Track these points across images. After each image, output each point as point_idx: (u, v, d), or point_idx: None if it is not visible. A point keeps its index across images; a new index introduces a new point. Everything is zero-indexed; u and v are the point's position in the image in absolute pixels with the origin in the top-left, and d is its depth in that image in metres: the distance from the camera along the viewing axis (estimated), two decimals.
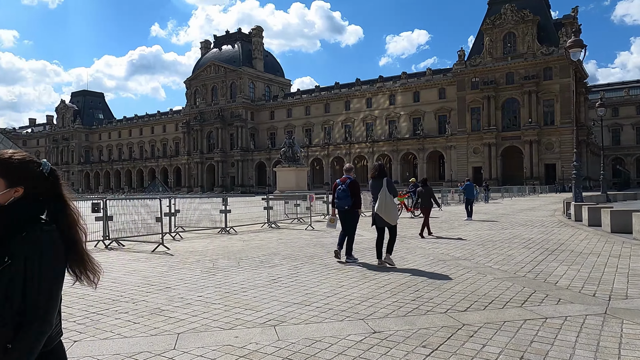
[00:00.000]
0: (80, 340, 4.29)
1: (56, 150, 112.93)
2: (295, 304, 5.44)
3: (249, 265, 8.10)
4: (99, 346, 4.11)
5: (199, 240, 12.41)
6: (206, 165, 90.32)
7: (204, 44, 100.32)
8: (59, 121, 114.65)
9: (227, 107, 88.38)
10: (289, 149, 46.83)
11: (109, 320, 4.91)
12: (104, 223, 11.44)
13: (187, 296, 5.89)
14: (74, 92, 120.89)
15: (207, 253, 9.75)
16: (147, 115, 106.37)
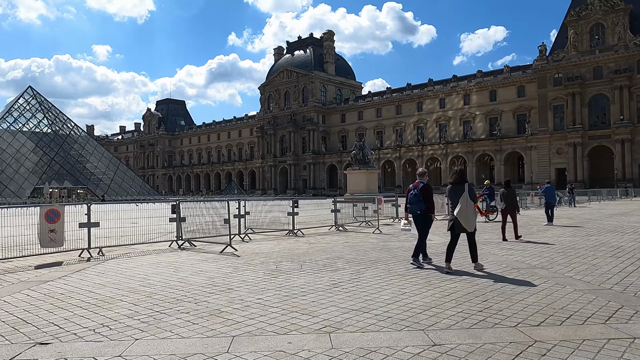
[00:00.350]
0: (141, 338, 4.41)
1: (143, 155, 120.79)
2: (353, 311, 5.27)
3: (311, 269, 8.04)
4: (156, 345, 4.20)
5: (266, 242, 12.59)
6: (279, 168, 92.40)
7: (277, 51, 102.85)
8: (145, 128, 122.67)
9: (299, 111, 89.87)
10: (359, 152, 46.64)
11: (171, 319, 5.03)
12: (177, 224, 11.94)
13: (247, 298, 5.92)
14: (158, 101, 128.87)
15: (272, 255, 9.83)
16: (224, 120, 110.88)
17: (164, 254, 10.27)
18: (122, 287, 6.73)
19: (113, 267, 8.58)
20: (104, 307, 5.59)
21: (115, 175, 67.08)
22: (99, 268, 8.55)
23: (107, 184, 65.23)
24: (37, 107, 66.18)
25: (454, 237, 7.87)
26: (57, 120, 67.67)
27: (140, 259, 9.60)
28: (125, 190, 65.07)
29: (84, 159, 66.63)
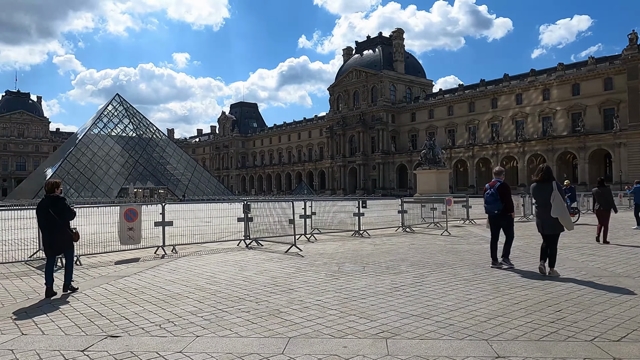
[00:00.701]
0: (202, 336, 4.56)
1: (218, 156, 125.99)
2: (413, 316, 5.11)
3: (373, 271, 7.92)
4: (215, 343, 4.31)
5: (331, 242, 12.61)
6: (348, 168, 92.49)
7: (346, 51, 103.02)
8: (220, 130, 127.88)
9: (368, 111, 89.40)
10: (429, 151, 45.56)
11: (231, 318, 5.15)
12: (245, 224, 12.29)
13: (306, 299, 5.94)
14: (232, 104, 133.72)
15: (336, 256, 9.82)
16: (295, 122, 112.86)
17: (232, 253, 10.60)
18: (190, 284, 7.02)
19: (184, 265, 8.98)
20: (171, 303, 5.85)
21: (193, 176, 70.45)
22: (171, 265, 8.99)
23: (185, 184, 68.65)
24: (123, 113, 71.06)
25: (545, 239, 7.60)
26: (141, 125, 72.22)
27: (209, 257, 9.97)
28: (202, 190, 68.12)
29: (164, 160, 70.63)
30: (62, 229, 6.66)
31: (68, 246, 6.78)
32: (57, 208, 6.61)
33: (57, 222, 6.59)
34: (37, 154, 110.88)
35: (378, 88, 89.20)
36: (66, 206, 6.76)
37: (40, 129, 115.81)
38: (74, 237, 6.84)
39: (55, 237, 6.64)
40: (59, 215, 6.59)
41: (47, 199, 6.71)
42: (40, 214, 6.71)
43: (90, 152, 63.74)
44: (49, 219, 6.60)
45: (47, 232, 6.68)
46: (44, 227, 6.71)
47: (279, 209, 13.57)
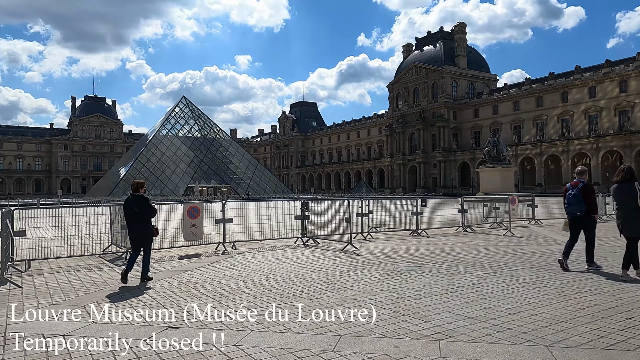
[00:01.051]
0: (256, 330, 4.68)
1: (278, 155, 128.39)
2: (469, 318, 4.97)
3: (429, 271, 7.77)
4: (268, 338, 4.42)
5: (388, 241, 12.49)
6: (408, 166, 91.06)
7: (406, 48, 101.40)
8: (280, 130, 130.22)
9: (429, 107, 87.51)
10: (493, 148, 43.88)
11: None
12: (302, 222, 12.45)
13: (360, 298, 5.94)
14: (292, 104, 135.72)
15: (392, 255, 9.72)
16: (353, 120, 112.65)
17: (289, 250, 10.78)
18: (247, 280, 7.22)
19: (242, 261, 9.25)
20: (228, 298, 6.05)
21: (254, 174, 72.26)
22: (230, 261, 9.29)
23: (247, 182, 70.55)
24: (189, 115, 74.15)
25: (629, 242, 7.15)
26: (206, 126, 75.02)
27: (267, 254, 10.20)
28: (263, 188, 69.73)
29: (227, 160, 72.95)
30: (145, 225, 7.24)
31: (148, 241, 7.32)
32: (141, 206, 7.20)
33: (140, 219, 7.18)
34: (112, 154, 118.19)
35: (439, 84, 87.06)
36: (149, 204, 7.34)
37: (115, 130, 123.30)
38: (154, 232, 7.40)
39: (137, 232, 7.23)
40: (142, 213, 7.17)
41: (132, 198, 7.35)
42: (126, 211, 7.32)
43: (159, 152, 67.01)
44: (133, 216, 7.20)
45: (131, 227, 7.28)
46: (128, 222, 7.32)
47: (336, 207, 13.64)
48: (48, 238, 11.90)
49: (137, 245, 7.35)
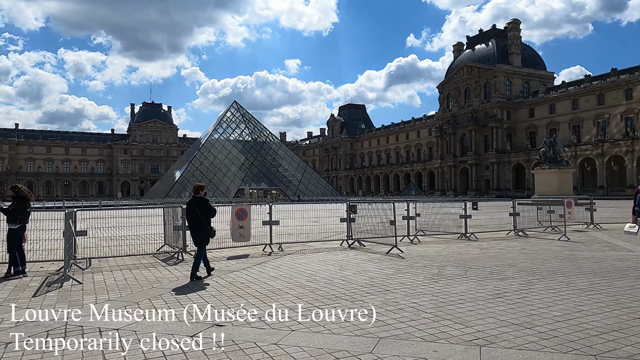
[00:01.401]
0: (297, 330, 4.79)
1: (327, 158, 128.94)
2: (513, 325, 4.84)
3: (476, 275, 7.61)
4: (308, 338, 4.51)
5: (435, 245, 12.31)
6: (459, 168, 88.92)
7: (457, 47, 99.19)
8: (329, 133, 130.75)
9: (481, 108, 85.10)
10: (549, 149, 42.15)
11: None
12: (347, 224, 12.50)
13: (401, 301, 5.92)
14: (340, 107, 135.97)
15: (438, 259, 9.58)
16: (402, 122, 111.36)
17: (334, 252, 10.85)
18: (291, 281, 7.36)
19: (287, 262, 9.42)
20: (272, 298, 6.20)
21: (303, 177, 73.04)
22: (276, 262, 9.48)
23: (296, 185, 71.41)
24: (240, 119, 76.03)
25: None
26: (256, 129, 76.65)
27: (312, 256, 10.32)
28: (312, 191, 70.32)
29: (277, 163, 74.18)
30: (205, 225, 7.74)
31: (206, 241, 7.80)
32: (201, 207, 7.73)
33: (200, 219, 7.70)
34: (167, 158, 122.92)
35: (491, 83, 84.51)
36: (209, 206, 7.88)
37: (170, 135, 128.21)
38: (212, 233, 7.90)
39: (197, 231, 7.73)
40: (203, 214, 7.69)
41: (194, 199, 7.90)
42: (188, 212, 7.85)
43: (212, 155, 69.06)
44: (194, 216, 7.72)
45: (193, 227, 7.77)
46: (190, 222, 7.82)
47: (382, 210, 13.57)
48: (107, 237, 12.61)
49: (202, 244, 7.83)
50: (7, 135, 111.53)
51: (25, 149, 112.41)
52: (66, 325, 5.02)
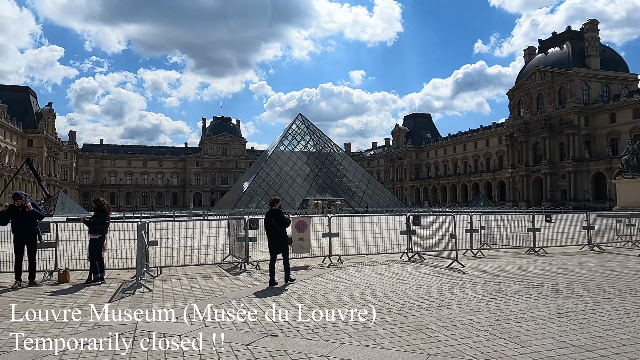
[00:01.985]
0: (347, 343, 4.87)
1: (392, 168, 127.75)
2: (573, 346, 4.63)
3: (539, 293, 7.29)
4: (357, 351, 4.58)
5: (500, 259, 11.89)
6: (532, 178, 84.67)
7: (528, 52, 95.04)
8: (394, 143, 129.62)
9: (555, 114, 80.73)
10: (632, 157, 39.18)
11: (378, 329, 5.37)
12: (407, 237, 12.38)
13: (456, 317, 5.82)
14: (405, 116, 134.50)
15: (500, 274, 9.26)
16: (470, 130, 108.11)
17: (393, 265, 10.80)
18: (347, 294, 7.45)
19: (345, 275, 9.51)
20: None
21: (367, 188, 72.80)
22: (334, 274, 9.60)
23: (361, 196, 71.30)
24: (305, 131, 77.41)
25: None
26: (321, 141, 77.63)
27: (371, 269, 10.34)
28: (376, 201, 69.88)
29: (341, 173, 74.55)
30: (281, 234, 8.51)
31: (284, 248, 8.60)
32: (277, 218, 8.52)
33: (276, 229, 8.47)
34: (236, 169, 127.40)
35: (567, 88, 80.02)
36: (283, 217, 8.67)
37: (239, 148, 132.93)
38: (289, 241, 8.78)
39: (274, 240, 8.51)
40: (278, 224, 8.50)
41: (270, 211, 8.67)
42: (266, 223, 8.63)
43: (278, 167, 70.73)
44: (271, 227, 8.52)
45: (270, 236, 8.54)
46: (267, 232, 8.57)
47: (442, 223, 13.33)
48: (178, 247, 13.34)
49: (274, 252, 8.54)
50: (93, 150, 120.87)
51: (108, 162, 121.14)
52: (135, 330, 5.43)
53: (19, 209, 8.56)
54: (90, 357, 4.51)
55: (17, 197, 8.69)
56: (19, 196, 8.71)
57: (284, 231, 8.60)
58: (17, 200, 8.64)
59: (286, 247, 8.65)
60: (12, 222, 8.56)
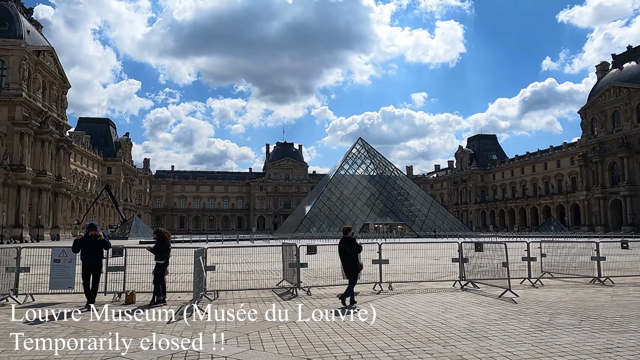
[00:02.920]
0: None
1: (456, 191, 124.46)
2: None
3: (590, 326, 7.03)
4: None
5: (559, 289, 11.43)
6: (610, 200, 79.22)
7: (600, 67, 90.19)
8: (457, 165, 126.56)
9: (633, 132, 75.56)
10: None
11: (413, 357, 5.49)
12: (460, 264, 12.22)
13: (495, 349, 5.81)
14: (469, 138, 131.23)
15: (555, 305, 8.95)
16: (539, 151, 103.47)
17: (443, 294, 10.71)
18: (390, 321, 7.57)
19: (392, 302, 9.59)
20: (366, 337, 6.51)
21: (429, 211, 71.47)
22: (382, 301, 9.71)
23: (422, 220, 70.06)
24: (365, 155, 77.73)
25: None
26: (381, 165, 77.54)
27: (420, 296, 10.34)
28: (438, 225, 68.32)
29: (402, 197, 73.79)
30: (353, 260, 9.39)
31: (355, 272, 9.46)
32: (350, 245, 9.42)
33: (350, 255, 9.37)
34: (298, 193, 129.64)
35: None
36: (356, 244, 9.52)
37: (301, 172, 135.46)
38: (359, 267, 9.54)
39: (348, 265, 9.39)
40: (351, 250, 9.38)
41: (344, 239, 9.59)
42: (340, 249, 9.57)
43: (338, 191, 71.29)
44: (345, 253, 9.41)
45: (343, 262, 9.48)
46: (341, 257, 9.55)
47: (500, 249, 13.02)
48: (235, 271, 13.98)
49: (349, 275, 9.43)
50: (165, 176, 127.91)
51: (178, 187, 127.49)
52: (187, 353, 5.91)
53: (91, 238, 9.47)
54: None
55: (93, 228, 9.60)
56: (94, 227, 9.65)
57: (357, 257, 9.39)
58: (91, 230, 9.54)
59: (357, 272, 9.43)
60: (82, 249, 9.46)
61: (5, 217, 52.34)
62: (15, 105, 56.07)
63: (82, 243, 9.48)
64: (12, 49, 57.03)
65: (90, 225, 9.77)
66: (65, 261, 9.91)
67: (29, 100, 57.54)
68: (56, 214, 63.96)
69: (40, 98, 61.68)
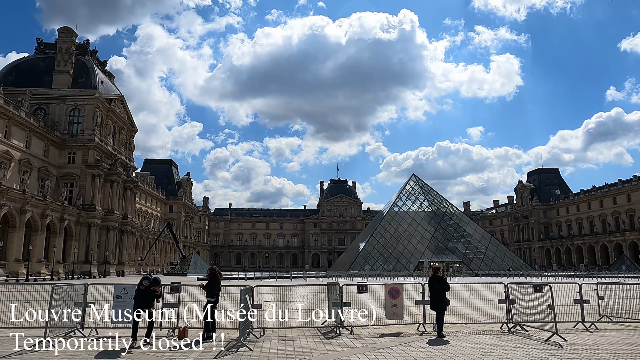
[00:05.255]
0: None
1: (517, 227, 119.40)
2: None
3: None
4: None
5: (615, 334, 10.93)
6: None
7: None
8: (517, 200, 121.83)
9: None
10: None
11: None
12: (506, 306, 11.98)
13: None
14: (529, 172, 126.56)
15: (604, 351, 8.65)
16: (607, 185, 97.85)
17: (488, 336, 10.56)
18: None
19: (434, 343, 9.61)
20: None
21: (488, 249, 68.92)
22: (423, 343, 9.76)
23: (480, 258, 67.59)
24: (419, 191, 76.83)
25: None
26: (436, 201, 76.23)
27: (463, 338, 10.26)
28: (497, 264, 65.67)
29: (459, 234, 71.77)
30: (442, 297, 10.61)
31: (443, 307, 10.66)
32: (440, 284, 10.67)
33: (439, 292, 10.62)
34: (353, 230, 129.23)
35: None
36: (445, 283, 10.80)
37: (355, 209, 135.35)
38: (447, 303, 10.69)
39: (436, 300, 10.60)
40: (441, 288, 10.62)
41: (434, 277, 10.83)
42: (430, 286, 10.84)
43: (392, 228, 70.54)
44: (435, 290, 10.68)
45: (432, 297, 10.71)
46: (431, 294, 10.77)
47: (548, 292, 12.65)
48: (282, 309, 14.37)
49: (437, 309, 10.62)
50: (222, 214, 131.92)
51: (236, 225, 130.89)
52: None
53: (149, 289, 9.95)
54: None
55: (156, 284, 10.00)
56: (158, 284, 10.03)
57: (445, 294, 10.66)
58: (155, 287, 9.93)
59: (444, 307, 10.63)
60: (136, 295, 10.06)
61: (76, 254, 56.05)
62: (88, 149, 60.83)
63: (143, 295, 9.95)
64: (87, 98, 62.42)
65: (155, 281, 9.96)
66: (126, 297, 10.74)
67: (101, 145, 62.27)
68: (122, 250, 67.56)
69: (111, 142, 66.64)
